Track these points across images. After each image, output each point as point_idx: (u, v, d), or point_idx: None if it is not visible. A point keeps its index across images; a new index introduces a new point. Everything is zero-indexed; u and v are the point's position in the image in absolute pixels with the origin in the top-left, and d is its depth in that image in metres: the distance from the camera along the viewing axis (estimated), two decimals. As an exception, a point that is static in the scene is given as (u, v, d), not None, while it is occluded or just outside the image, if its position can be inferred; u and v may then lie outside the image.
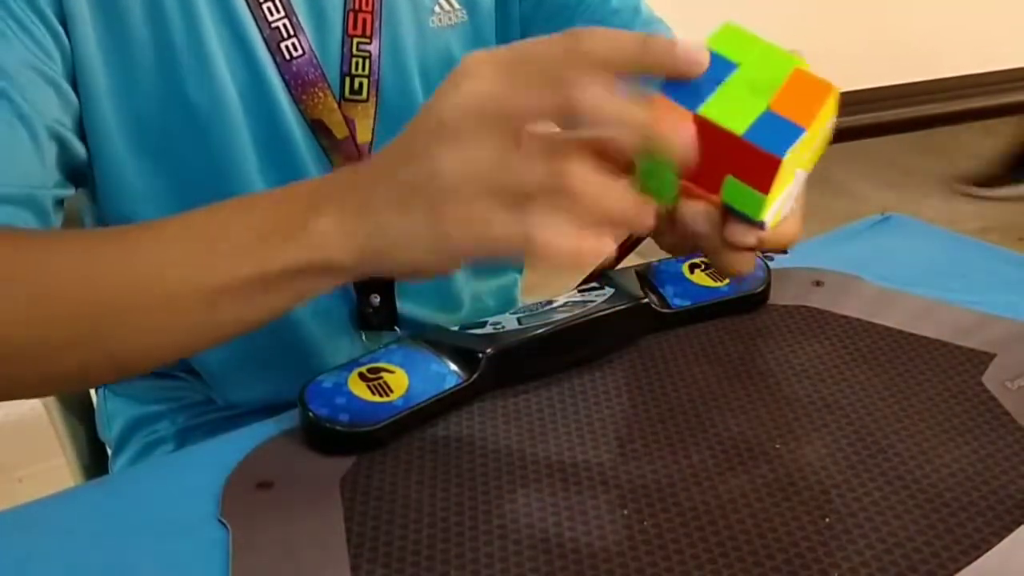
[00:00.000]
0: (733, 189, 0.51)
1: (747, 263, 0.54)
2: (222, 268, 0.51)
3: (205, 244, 0.52)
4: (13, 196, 0.60)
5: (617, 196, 0.45)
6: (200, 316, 0.53)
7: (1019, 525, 0.53)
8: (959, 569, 0.50)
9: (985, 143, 3.19)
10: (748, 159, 0.50)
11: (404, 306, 0.80)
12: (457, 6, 0.78)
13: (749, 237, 0.51)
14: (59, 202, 0.65)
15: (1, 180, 0.59)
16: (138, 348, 0.55)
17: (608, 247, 0.46)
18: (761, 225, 0.51)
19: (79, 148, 0.67)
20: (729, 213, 0.52)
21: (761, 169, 0.50)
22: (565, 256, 0.45)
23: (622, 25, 0.83)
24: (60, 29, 0.65)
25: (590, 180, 0.44)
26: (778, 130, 0.50)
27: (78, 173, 0.69)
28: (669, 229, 0.52)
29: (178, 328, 0.54)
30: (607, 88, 0.44)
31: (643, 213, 0.46)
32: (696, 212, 0.51)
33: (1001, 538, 0.52)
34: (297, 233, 0.49)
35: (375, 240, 0.48)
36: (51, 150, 0.64)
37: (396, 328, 0.80)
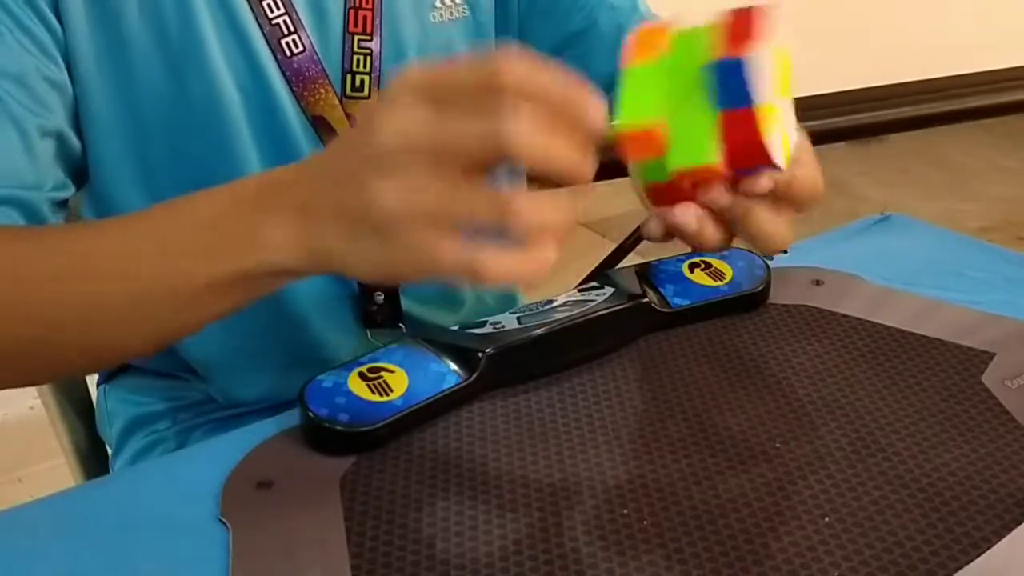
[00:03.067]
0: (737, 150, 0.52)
1: (782, 229, 0.56)
2: (174, 277, 0.53)
3: (156, 252, 0.54)
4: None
5: (558, 208, 0.46)
6: (159, 318, 0.56)
7: (1019, 524, 0.53)
8: (959, 568, 0.50)
9: (983, 142, 3.19)
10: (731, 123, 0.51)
11: (407, 304, 0.80)
12: (459, 1, 0.78)
13: (764, 180, 0.54)
14: (59, 203, 0.65)
15: None
16: (106, 345, 0.58)
17: (553, 257, 0.47)
18: (776, 166, 0.53)
19: (78, 145, 0.67)
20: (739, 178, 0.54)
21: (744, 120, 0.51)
22: (512, 278, 0.46)
23: (619, 22, 0.83)
24: (55, 22, 0.64)
25: (531, 204, 0.45)
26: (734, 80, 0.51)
27: (81, 170, 0.69)
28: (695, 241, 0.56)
29: (141, 327, 0.57)
30: (532, 123, 0.44)
31: (572, 211, 0.47)
32: (713, 196, 0.54)
33: (1001, 537, 0.52)
34: (247, 243, 0.51)
35: (324, 252, 0.50)
36: (47, 150, 0.63)
37: (401, 325, 0.80)
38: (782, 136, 0.54)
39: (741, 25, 0.51)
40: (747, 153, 0.52)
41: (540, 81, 0.45)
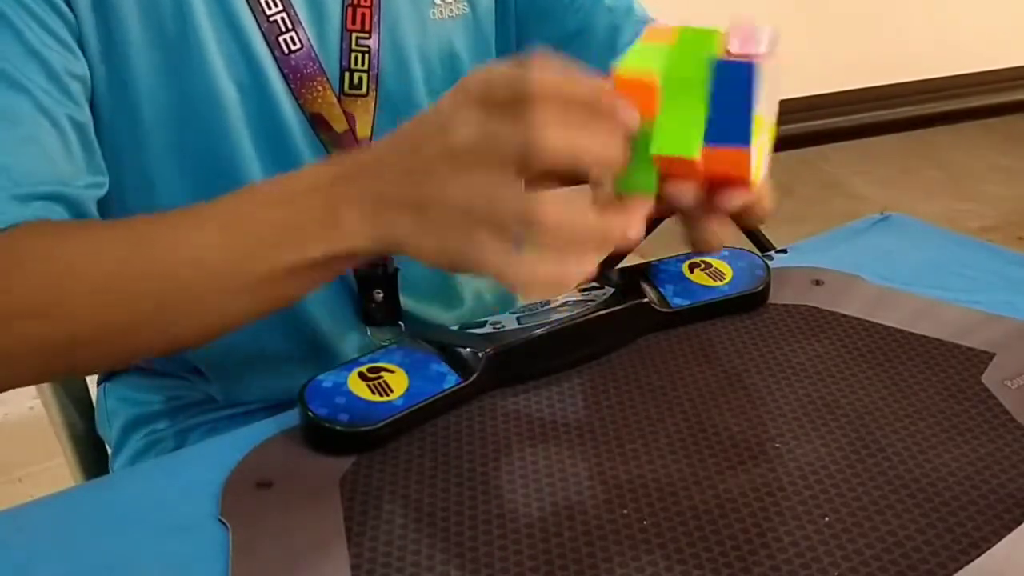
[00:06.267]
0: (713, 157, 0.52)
1: (722, 236, 0.57)
2: (260, 259, 0.55)
3: (240, 237, 0.56)
4: (41, 193, 0.59)
5: (590, 224, 0.49)
6: (241, 300, 0.57)
7: (1019, 524, 0.53)
8: (959, 569, 0.50)
9: (984, 141, 3.19)
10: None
11: (406, 302, 0.80)
12: None
13: (738, 199, 0.54)
14: (97, 197, 0.65)
15: (29, 179, 0.58)
16: (191, 327, 0.59)
17: (590, 266, 0.50)
18: (749, 184, 0.52)
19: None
20: (713, 184, 0.53)
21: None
22: (545, 285, 0.49)
23: (614, 24, 0.83)
24: (70, 14, 0.64)
25: (563, 213, 0.48)
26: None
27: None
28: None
29: (223, 310, 0.58)
30: (557, 124, 0.48)
31: (620, 229, 0.50)
32: (681, 190, 0.53)
33: (1001, 537, 0.52)
34: (328, 228, 0.53)
35: (390, 233, 0.53)
36: (81, 143, 0.63)
37: (400, 323, 0.80)
38: (759, 153, 0.53)
39: (747, 36, 0.52)
40: (729, 160, 0.52)
41: (569, 85, 0.48)
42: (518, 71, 0.48)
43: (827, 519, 0.53)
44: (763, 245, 0.87)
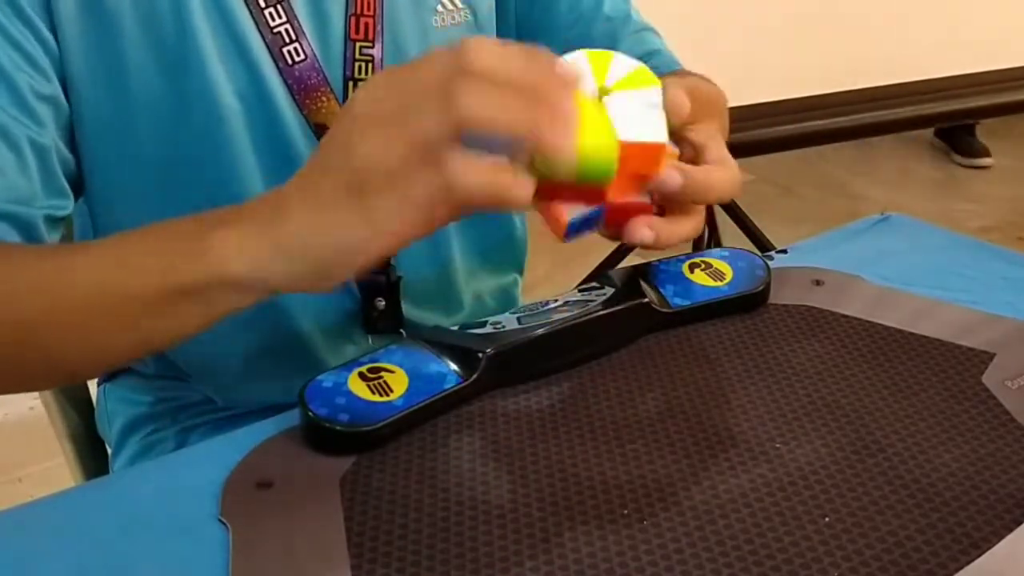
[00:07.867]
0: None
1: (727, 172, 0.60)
2: (130, 283, 0.55)
3: (117, 261, 0.56)
4: None
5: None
6: (123, 328, 0.56)
7: (1019, 525, 0.53)
8: (959, 569, 0.50)
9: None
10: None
11: (407, 309, 0.80)
12: (460, 5, 0.78)
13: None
14: (55, 220, 0.65)
15: None
16: (71, 353, 0.58)
17: (525, 183, 0.48)
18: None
19: (71, 159, 0.67)
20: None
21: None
22: (484, 188, 0.47)
23: (611, 32, 0.84)
24: (49, 36, 0.64)
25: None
26: None
27: (75, 186, 0.68)
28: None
29: (106, 337, 0.57)
30: (486, 95, 0.46)
31: (547, 124, 0.48)
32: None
33: (1001, 538, 0.52)
34: (196, 249, 0.53)
35: (291, 246, 0.51)
36: (41, 164, 0.63)
37: (402, 331, 0.80)
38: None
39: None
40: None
41: (507, 60, 0.47)
42: (449, 52, 0.47)
43: (827, 519, 0.53)
44: (763, 245, 0.87)
